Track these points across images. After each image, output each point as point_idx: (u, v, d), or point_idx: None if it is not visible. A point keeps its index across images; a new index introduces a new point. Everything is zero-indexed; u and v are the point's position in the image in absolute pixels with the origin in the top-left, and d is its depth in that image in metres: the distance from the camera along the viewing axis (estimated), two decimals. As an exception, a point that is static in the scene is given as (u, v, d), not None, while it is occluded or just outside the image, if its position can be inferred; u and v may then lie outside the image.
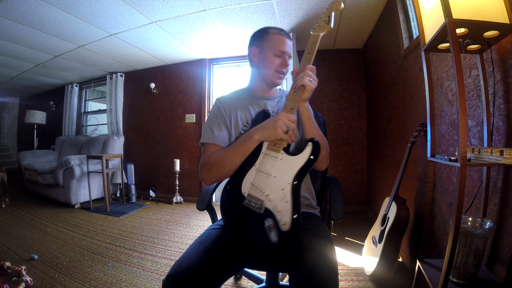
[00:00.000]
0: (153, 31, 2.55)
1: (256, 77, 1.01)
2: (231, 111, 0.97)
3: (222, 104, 0.98)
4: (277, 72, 0.94)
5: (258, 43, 0.96)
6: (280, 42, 0.93)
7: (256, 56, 0.96)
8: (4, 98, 5.70)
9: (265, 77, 0.97)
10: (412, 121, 1.66)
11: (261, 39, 0.95)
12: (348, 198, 2.95)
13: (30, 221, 2.54)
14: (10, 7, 2.03)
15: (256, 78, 1.01)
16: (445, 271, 0.76)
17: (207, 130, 0.94)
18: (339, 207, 0.92)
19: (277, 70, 0.94)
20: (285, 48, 0.93)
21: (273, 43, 0.92)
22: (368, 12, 2.18)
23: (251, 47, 0.98)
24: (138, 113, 3.87)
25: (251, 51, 0.98)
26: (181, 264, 0.69)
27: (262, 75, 0.97)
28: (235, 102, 0.99)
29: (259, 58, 0.96)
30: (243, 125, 0.96)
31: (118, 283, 1.46)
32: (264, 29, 0.97)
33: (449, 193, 1.22)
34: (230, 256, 0.76)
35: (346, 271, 1.61)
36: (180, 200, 3.38)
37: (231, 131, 0.96)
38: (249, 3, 2.07)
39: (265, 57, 0.94)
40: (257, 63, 0.97)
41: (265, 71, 0.95)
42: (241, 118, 0.96)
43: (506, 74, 0.87)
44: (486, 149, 0.75)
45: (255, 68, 0.99)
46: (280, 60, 0.93)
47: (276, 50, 0.92)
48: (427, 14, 0.93)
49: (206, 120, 0.98)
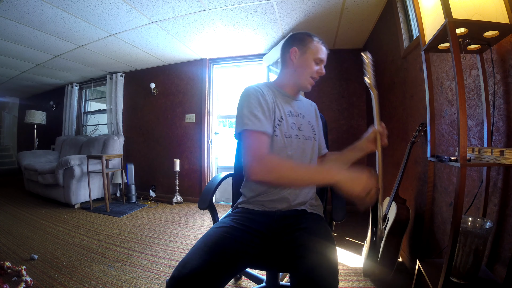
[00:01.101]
0: (153, 31, 2.55)
1: (289, 76, 1.02)
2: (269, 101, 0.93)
3: (260, 91, 0.92)
4: (312, 78, 0.99)
5: (301, 46, 0.97)
6: (322, 51, 0.98)
7: (297, 57, 0.98)
8: (4, 98, 5.70)
9: (299, 80, 0.99)
10: (412, 121, 1.66)
11: (304, 43, 0.97)
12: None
13: (30, 221, 2.54)
14: (10, 7, 2.03)
15: (289, 77, 1.02)
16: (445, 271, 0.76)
17: (249, 117, 0.85)
18: (341, 208, 0.92)
19: (313, 76, 0.99)
20: (324, 57, 0.99)
21: (315, 50, 0.97)
22: (368, 12, 2.17)
23: (291, 47, 0.99)
24: (138, 113, 3.87)
25: (292, 51, 0.98)
26: (186, 265, 0.68)
27: (297, 77, 0.99)
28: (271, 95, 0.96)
29: (299, 60, 0.98)
30: (277, 120, 0.94)
31: (118, 283, 1.46)
32: (307, 34, 0.99)
33: (449, 193, 1.22)
34: (234, 256, 0.76)
35: (346, 271, 1.61)
36: (180, 200, 3.38)
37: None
38: (249, 3, 2.07)
39: (306, 60, 0.97)
40: (295, 64, 0.99)
41: (301, 74, 0.98)
42: (276, 112, 0.95)
43: (506, 74, 0.87)
44: (486, 149, 0.75)
45: (291, 68, 1.00)
46: (318, 67, 0.98)
47: (317, 58, 0.97)
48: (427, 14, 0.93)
49: (242, 106, 0.89)
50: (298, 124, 0.99)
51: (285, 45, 1.03)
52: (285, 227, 0.89)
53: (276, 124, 0.94)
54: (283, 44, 1.04)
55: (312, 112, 1.11)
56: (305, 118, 1.03)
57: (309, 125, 1.03)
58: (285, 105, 0.99)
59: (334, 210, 0.92)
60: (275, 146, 0.94)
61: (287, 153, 0.94)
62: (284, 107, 0.98)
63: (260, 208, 0.96)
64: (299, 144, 0.97)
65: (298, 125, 0.99)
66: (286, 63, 1.02)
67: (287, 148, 0.95)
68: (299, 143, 0.97)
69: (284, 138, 0.94)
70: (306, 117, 1.04)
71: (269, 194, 0.95)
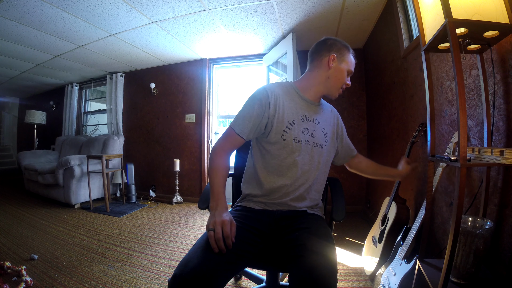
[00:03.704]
0: (153, 31, 2.55)
1: (318, 81, 1.00)
2: (279, 106, 0.95)
3: (269, 95, 0.95)
4: (341, 88, 1.00)
5: (340, 54, 0.97)
6: (353, 65, 1.01)
7: (334, 64, 0.97)
8: (4, 98, 5.70)
9: (330, 88, 0.99)
10: (412, 121, 1.66)
11: (343, 52, 0.98)
12: (348, 198, 2.96)
13: (30, 221, 2.54)
14: (10, 7, 2.03)
15: (318, 82, 1.00)
16: (445, 271, 0.76)
17: (240, 119, 0.94)
18: (341, 208, 0.93)
19: (342, 87, 1.00)
20: (353, 70, 1.02)
21: (351, 63, 0.99)
22: (368, 12, 2.17)
23: (330, 52, 0.97)
24: (138, 113, 3.87)
25: (331, 57, 0.96)
26: (188, 264, 0.68)
27: (327, 84, 0.99)
28: (285, 98, 0.97)
29: (336, 67, 0.97)
30: (288, 123, 0.95)
31: (118, 283, 1.46)
32: (346, 45, 1.00)
33: (449, 193, 1.22)
34: (235, 255, 0.76)
35: (346, 271, 1.61)
36: (180, 200, 3.38)
37: (273, 124, 0.94)
38: (249, 3, 2.07)
39: (341, 70, 0.97)
40: (330, 71, 0.97)
41: (333, 83, 0.99)
42: (288, 115, 0.95)
43: (506, 74, 0.87)
44: (486, 149, 0.75)
45: (324, 74, 0.98)
46: (347, 79, 1.00)
47: (350, 70, 0.99)
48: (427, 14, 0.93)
49: (244, 105, 0.96)
50: (311, 130, 0.98)
51: (321, 48, 1.00)
52: (285, 226, 0.89)
53: (285, 128, 0.94)
54: (318, 46, 1.01)
55: (330, 119, 1.08)
56: (320, 125, 1.01)
57: (322, 132, 1.02)
58: (301, 110, 0.98)
59: (334, 210, 0.92)
60: (283, 150, 0.94)
61: (294, 158, 0.94)
62: (299, 112, 0.98)
63: (260, 207, 0.96)
64: (307, 150, 0.96)
65: (311, 131, 0.98)
66: (320, 67, 0.99)
67: (295, 153, 0.94)
68: (308, 149, 0.96)
69: (293, 142, 0.94)
70: (321, 124, 1.02)
71: (271, 198, 0.95)
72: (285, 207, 0.95)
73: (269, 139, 0.95)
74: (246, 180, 1.04)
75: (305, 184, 0.96)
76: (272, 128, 0.94)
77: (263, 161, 0.98)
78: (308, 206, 0.98)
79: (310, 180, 0.97)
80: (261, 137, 0.99)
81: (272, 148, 0.95)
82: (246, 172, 1.06)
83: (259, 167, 0.98)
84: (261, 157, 0.99)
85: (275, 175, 0.95)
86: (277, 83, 1.02)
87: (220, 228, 0.75)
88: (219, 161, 0.91)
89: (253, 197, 0.98)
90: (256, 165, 0.99)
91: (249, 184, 1.02)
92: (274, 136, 0.94)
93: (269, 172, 0.96)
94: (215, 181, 0.87)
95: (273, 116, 0.94)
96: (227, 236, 0.74)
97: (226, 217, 0.78)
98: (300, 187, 0.95)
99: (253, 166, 1.01)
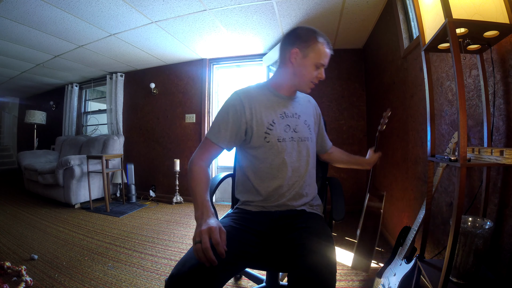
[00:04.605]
0: (153, 31, 2.55)
1: (286, 77, 0.96)
2: (255, 109, 0.91)
3: (243, 100, 0.91)
4: (312, 82, 0.95)
5: (303, 47, 0.90)
6: (325, 56, 0.92)
7: (297, 60, 0.91)
8: (4, 98, 5.70)
9: (297, 83, 0.95)
10: (412, 121, 1.66)
11: (307, 45, 0.90)
12: (348, 198, 2.95)
13: (30, 221, 2.54)
14: (10, 7, 2.03)
15: (287, 78, 0.96)
16: (445, 271, 0.76)
17: (216, 127, 0.91)
18: (340, 208, 0.93)
19: (313, 81, 0.94)
20: (326, 62, 0.93)
21: (319, 54, 0.90)
22: (368, 12, 2.17)
23: (293, 47, 0.91)
24: (138, 113, 3.87)
25: (292, 52, 0.91)
26: (185, 264, 0.68)
27: (295, 80, 0.95)
28: (259, 99, 0.94)
29: (299, 63, 0.91)
30: (268, 124, 0.92)
31: (118, 283, 1.46)
32: (313, 33, 0.91)
33: (449, 193, 1.22)
34: (234, 256, 0.76)
35: (346, 271, 1.61)
36: (180, 200, 3.38)
37: (253, 128, 0.91)
38: (249, 3, 2.07)
39: (306, 65, 0.91)
40: (294, 67, 0.92)
41: (300, 79, 0.94)
42: (266, 116, 0.92)
43: (506, 74, 0.87)
44: (486, 149, 0.75)
45: (290, 69, 0.94)
46: (318, 72, 0.93)
47: (318, 62, 0.91)
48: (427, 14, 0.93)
49: (219, 113, 0.93)
50: (293, 126, 0.96)
51: (286, 42, 0.94)
52: (285, 226, 0.89)
53: (265, 129, 0.91)
54: (283, 39, 0.96)
55: (310, 109, 1.07)
56: (301, 118, 0.99)
57: (305, 125, 0.99)
58: (278, 108, 0.95)
59: (334, 209, 0.92)
60: (269, 152, 0.92)
61: (282, 158, 0.92)
62: (277, 110, 0.95)
63: (259, 209, 0.96)
64: (294, 146, 0.95)
65: (293, 126, 0.96)
66: (285, 63, 0.95)
67: (282, 152, 0.92)
68: (294, 145, 0.95)
69: (277, 143, 0.92)
70: (302, 117, 1.00)
71: (269, 202, 0.94)
72: (283, 208, 0.94)
73: (253, 144, 0.92)
74: (241, 190, 1.01)
75: (299, 181, 0.95)
76: (253, 132, 0.91)
77: (252, 168, 0.96)
78: (306, 202, 0.97)
79: (302, 177, 0.96)
80: (243, 144, 0.96)
81: (258, 153, 0.93)
82: (238, 181, 1.04)
83: (250, 174, 0.96)
84: (250, 164, 0.96)
85: (268, 178, 0.93)
86: (251, 86, 0.98)
87: (207, 237, 0.65)
88: (198, 170, 0.87)
89: (251, 202, 0.97)
90: (247, 173, 0.97)
91: (244, 194, 0.99)
92: (257, 140, 0.92)
93: (261, 177, 0.94)
94: (196, 190, 0.81)
95: (250, 120, 0.90)
96: (217, 243, 0.64)
97: (213, 224, 0.68)
98: (294, 185, 0.94)
99: (243, 174, 0.99)
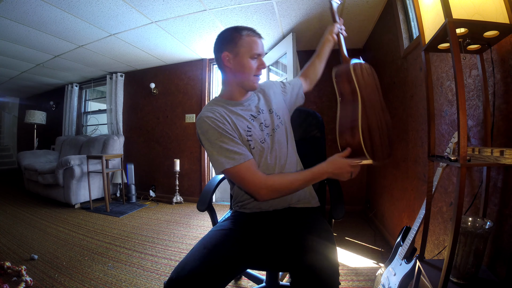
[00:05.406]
0: (153, 31, 2.55)
1: (232, 82, 0.95)
2: (229, 121, 0.88)
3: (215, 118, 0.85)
4: (256, 75, 0.92)
5: (231, 48, 0.88)
6: (255, 44, 0.89)
7: (231, 62, 0.89)
8: (4, 98, 5.70)
9: (243, 83, 0.92)
10: (412, 121, 1.66)
11: (234, 43, 0.88)
12: (348, 198, 2.95)
13: (30, 221, 2.54)
14: (10, 7, 2.03)
15: (232, 83, 0.95)
16: (445, 271, 0.76)
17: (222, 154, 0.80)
18: (339, 206, 0.93)
19: (256, 74, 0.92)
20: (260, 50, 0.90)
21: (248, 47, 0.88)
22: (368, 12, 2.17)
23: (222, 52, 0.89)
24: (138, 113, 3.87)
25: (223, 57, 0.89)
26: (185, 267, 0.67)
27: (240, 81, 0.92)
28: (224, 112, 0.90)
29: (235, 63, 0.89)
30: (246, 131, 0.90)
31: (118, 283, 1.46)
32: (234, 31, 0.89)
33: (449, 193, 1.22)
34: (234, 258, 0.76)
35: (346, 271, 1.61)
36: (180, 200, 3.38)
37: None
38: (249, 3, 2.07)
39: (242, 62, 0.88)
40: (232, 69, 0.90)
41: (243, 77, 0.91)
42: (240, 125, 0.90)
43: (506, 74, 0.87)
44: (486, 149, 0.75)
45: (230, 73, 0.92)
46: (257, 62, 0.90)
47: (253, 54, 0.88)
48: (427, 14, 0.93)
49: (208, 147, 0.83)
50: (265, 122, 0.95)
51: (215, 51, 0.92)
52: (284, 225, 0.89)
53: (246, 137, 0.89)
54: (213, 50, 0.94)
55: (267, 96, 1.03)
56: (265, 110, 0.98)
57: (272, 114, 0.98)
58: (244, 113, 0.93)
59: (333, 208, 0.92)
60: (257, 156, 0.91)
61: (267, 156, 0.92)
62: (245, 115, 0.93)
63: (257, 210, 0.96)
64: (273, 140, 0.94)
65: (265, 123, 0.95)
66: (224, 70, 0.93)
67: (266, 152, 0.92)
68: (274, 139, 0.94)
69: (261, 145, 0.91)
70: (265, 108, 0.99)
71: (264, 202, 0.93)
72: (280, 206, 0.95)
73: None
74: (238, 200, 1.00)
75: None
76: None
77: None
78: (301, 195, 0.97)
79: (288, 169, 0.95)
80: None
81: None
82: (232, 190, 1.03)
83: None
84: None
85: None
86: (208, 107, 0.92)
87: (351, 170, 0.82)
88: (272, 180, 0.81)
89: (247, 204, 0.97)
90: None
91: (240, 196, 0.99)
92: None
93: None
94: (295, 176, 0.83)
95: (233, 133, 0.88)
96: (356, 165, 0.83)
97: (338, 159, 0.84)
98: None
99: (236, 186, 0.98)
